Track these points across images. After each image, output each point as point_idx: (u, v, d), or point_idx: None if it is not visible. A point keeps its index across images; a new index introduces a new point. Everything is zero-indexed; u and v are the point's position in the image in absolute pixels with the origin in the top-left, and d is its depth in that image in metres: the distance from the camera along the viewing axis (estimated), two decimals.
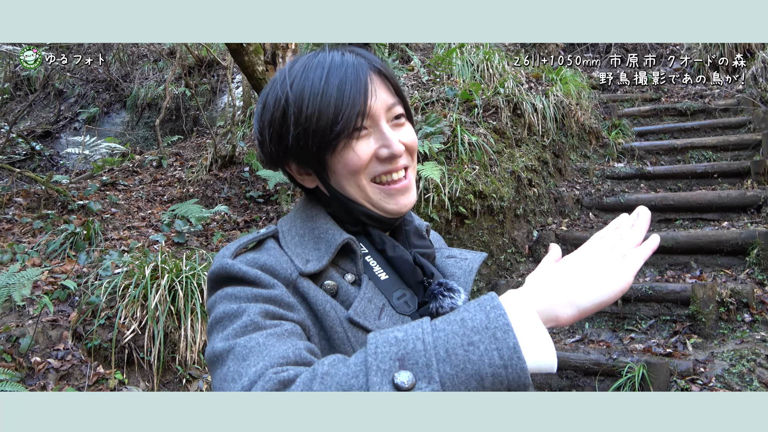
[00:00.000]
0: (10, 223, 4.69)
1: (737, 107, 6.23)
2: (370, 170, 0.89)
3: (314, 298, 0.85)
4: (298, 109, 0.86)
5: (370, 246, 0.94)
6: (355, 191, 0.90)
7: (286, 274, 0.85)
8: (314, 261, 0.88)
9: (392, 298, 0.90)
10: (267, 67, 4.14)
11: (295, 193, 5.31)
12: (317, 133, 0.86)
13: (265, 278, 0.83)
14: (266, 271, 0.84)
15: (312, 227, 0.93)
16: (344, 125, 0.85)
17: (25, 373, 2.90)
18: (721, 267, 4.11)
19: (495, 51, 5.85)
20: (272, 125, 0.90)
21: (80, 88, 9.94)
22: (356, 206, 0.92)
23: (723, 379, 3.04)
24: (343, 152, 0.87)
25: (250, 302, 0.79)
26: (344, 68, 0.87)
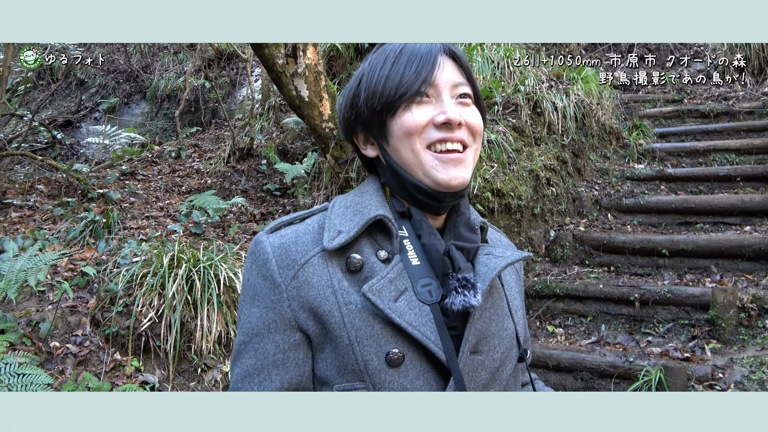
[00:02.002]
0: (32, 209, 4.76)
1: (762, 110, 6.11)
2: (426, 135, 0.91)
3: (316, 283, 0.87)
4: (371, 75, 0.93)
5: (410, 230, 0.95)
6: (409, 155, 0.92)
7: (296, 257, 0.89)
8: (345, 233, 0.90)
9: (417, 284, 0.89)
10: (287, 61, 4.14)
11: (312, 187, 5.32)
12: (383, 95, 0.91)
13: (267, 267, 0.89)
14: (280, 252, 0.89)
15: (358, 201, 0.95)
16: (407, 88, 0.90)
17: (44, 357, 2.94)
18: (743, 272, 4.04)
19: (516, 49, 5.80)
20: (349, 93, 0.98)
21: (101, 79, 10.04)
22: (407, 176, 0.93)
23: (742, 385, 2.99)
24: (402, 114, 0.91)
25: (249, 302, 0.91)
26: (419, 45, 0.94)
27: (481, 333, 0.91)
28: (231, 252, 3.73)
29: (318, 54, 4.23)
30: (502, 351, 0.93)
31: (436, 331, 0.86)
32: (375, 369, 0.84)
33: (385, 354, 0.84)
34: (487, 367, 0.90)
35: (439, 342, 0.86)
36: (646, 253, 4.39)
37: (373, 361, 0.84)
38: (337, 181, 4.53)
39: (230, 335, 3.36)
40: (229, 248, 3.83)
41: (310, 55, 4.14)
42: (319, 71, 4.20)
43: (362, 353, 0.84)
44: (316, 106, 4.18)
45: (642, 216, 4.99)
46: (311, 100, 4.16)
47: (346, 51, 6.39)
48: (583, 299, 4.05)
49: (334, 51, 6.40)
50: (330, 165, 4.45)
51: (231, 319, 3.38)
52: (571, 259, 4.62)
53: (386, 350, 0.84)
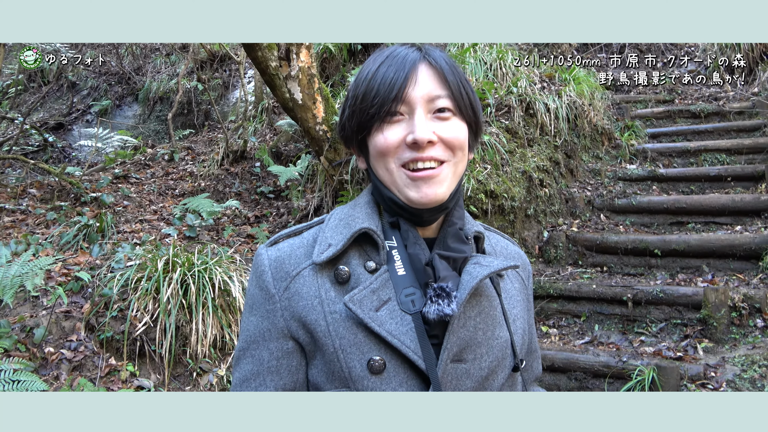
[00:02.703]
0: (24, 214, 4.74)
1: (752, 110, 6.16)
2: (400, 155, 0.92)
3: (305, 294, 0.92)
4: (353, 91, 0.96)
5: (399, 240, 0.96)
6: (384, 174, 0.95)
7: (288, 269, 0.94)
8: (333, 246, 0.93)
9: (401, 294, 0.91)
10: (280, 63, 4.14)
11: (306, 190, 5.33)
12: (358, 113, 0.94)
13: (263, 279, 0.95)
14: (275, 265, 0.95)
15: (350, 214, 0.98)
16: (378, 108, 0.90)
17: (39, 363, 2.93)
18: (734, 271, 4.08)
19: (508, 50, 5.82)
20: (341, 109, 1.01)
21: (93, 81, 10.00)
22: (386, 191, 0.95)
23: (734, 384, 3.03)
24: (375, 135, 0.93)
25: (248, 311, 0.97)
26: (396, 58, 0.93)
27: (464, 341, 0.91)
28: (225, 255, 3.73)
29: (311, 56, 4.24)
30: (491, 360, 0.93)
31: (417, 339, 0.88)
32: (358, 376, 0.87)
33: (366, 361, 0.87)
34: (472, 375, 0.90)
35: (419, 350, 0.87)
36: (638, 254, 4.42)
37: (356, 368, 0.87)
38: (331, 184, 4.53)
39: (225, 339, 3.36)
40: (224, 251, 3.83)
41: (303, 57, 4.15)
42: (313, 74, 4.21)
43: (346, 360, 0.87)
44: (310, 108, 4.19)
45: (634, 216, 5.03)
46: (305, 103, 4.17)
47: (339, 53, 6.39)
48: (576, 299, 4.08)
49: (327, 53, 6.40)
50: (324, 167, 4.46)
51: (226, 322, 3.38)
52: (565, 260, 4.65)
53: (368, 357, 0.87)
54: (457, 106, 0.93)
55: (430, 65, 0.93)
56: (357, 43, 6.26)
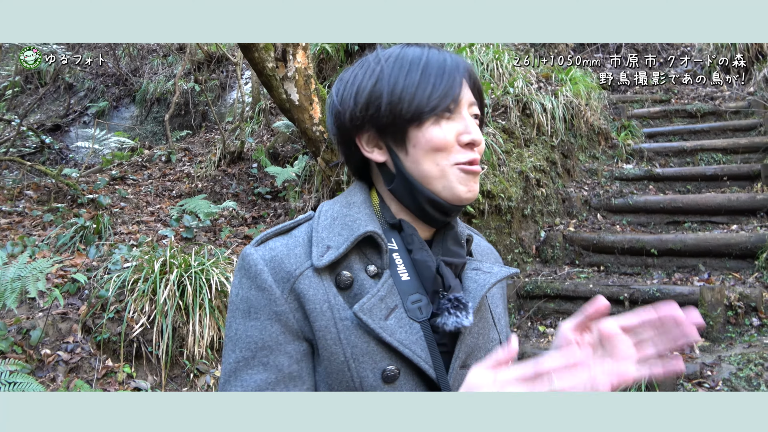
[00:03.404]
0: (21, 215, 4.73)
1: (748, 110, 6.18)
2: (454, 154, 0.90)
3: (312, 297, 0.85)
4: (395, 79, 0.89)
5: (400, 243, 0.93)
6: (431, 168, 0.90)
7: (290, 269, 0.86)
8: (333, 248, 0.87)
9: (407, 301, 0.88)
10: (277, 64, 4.14)
11: (303, 190, 5.33)
12: (412, 103, 0.88)
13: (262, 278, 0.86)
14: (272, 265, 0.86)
15: (346, 213, 0.92)
16: (439, 102, 0.88)
17: (35, 365, 2.93)
18: (730, 270, 4.09)
19: (505, 50, 5.83)
20: (361, 89, 0.91)
21: (90, 82, 9.99)
22: (422, 188, 0.91)
23: (730, 382, 3.04)
24: (431, 128, 0.88)
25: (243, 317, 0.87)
26: (444, 58, 0.91)
27: (470, 348, 0.91)
28: (222, 256, 3.73)
29: (308, 57, 4.24)
30: None
31: (427, 348, 0.87)
32: (370, 385, 0.84)
33: (381, 371, 0.84)
34: None
35: (430, 359, 0.86)
36: (635, 253, 4.43)
37: (369, 378, 0.84)
38: (328, 184, 4.54)
39: (222, 340, 3.36)
40: (221, 252, 3.83)
41: (300, 58, 4.15)
42: (309, 75, 4.21)
43: (357, 370, 0.84)
44: (307, 109, 4.19)
45: (631, 216, 5.04)
46: (301, 104, 4.17)
47: (336, 54, 6.40)
48: (573, 299, 4.09)
49: (324, 54, 6.40)
50: (321, 168, 4.46)
51: (223, 323, 3.38)
52: (562, 260, 4.65)
53: (382, 367, 0.85)
54: (482, 117, 0.96)
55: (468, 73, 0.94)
56: (354, 44, 6.27)
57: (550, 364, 0.69)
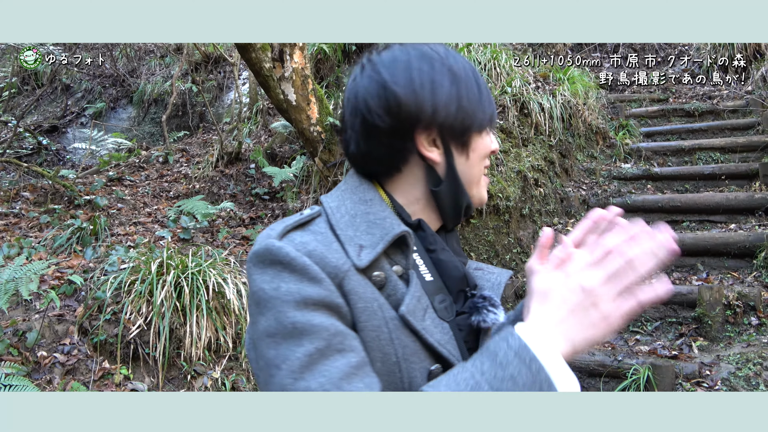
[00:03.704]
0: (17, 217, 4.71)
1: (746, 109, 6.19)
2: (486, 161, 0.96)
3: (363, 295, 0.82)
4: (469, 85, 0.91)
5: (419, 244, 0.92)
6: (477, 173, 0.94)
7: (336, 264, 0.81)
8: (368, 248, 0.84)
9: (435, 301, 0.88)
10: (274, 64, 4.13)
11: (300, 191, 5.32)
12: (485, 111, 0.92)
13: (313, 270, 0.79)
14: (314, 260, 0.80)
15: (366, 210, 0.89)
16: (495, 112, 0.95)
17: (32, 367, 2.91)
18: (728, 269, 4.08)
19: (502, 50, 5.83)
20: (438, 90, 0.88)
21: (87, 84, 9.96)
22: (465, 192, 0.94)
23: (729, 382, 3.03)
24: (486, 136, 0.94)
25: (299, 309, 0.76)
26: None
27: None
28: (220, 257, 3.72)
29: (305, 58, 4.23)
30: None
31: (457, 347, 0.88)
32: (417, 386, 0.83)
33: (428, 371, 0.84)
34: None
35: (460, 358, 0.87)
36: None
37: (417, 378, 0.83)
38: (326, 185, 4.53)
39: (220, 341, 3.35)
40: (218, 253, 3.82)
41: (297, 58, 4.14)
42: (306, 75, 4.20)
43: (408, 370, 0.83)
44: (304, 109, 4.18)
45: (629, 215, 5.00)
46: (299, 104, 4.16)
47: (334, 54, 6.39)
48: None
49: (321, 54, 6.40)
50: (318, 168, 4.45)
51: (220, 325, 3.37)
52: None
53: (427, 367, 0.84)
54: None
55: None
56: (351, 45, 6.26)
57: (612, 241, 0.73)
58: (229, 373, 3.31)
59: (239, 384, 3.28)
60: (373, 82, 0.89)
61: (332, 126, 4.28)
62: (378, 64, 0.90)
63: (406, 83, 0.88)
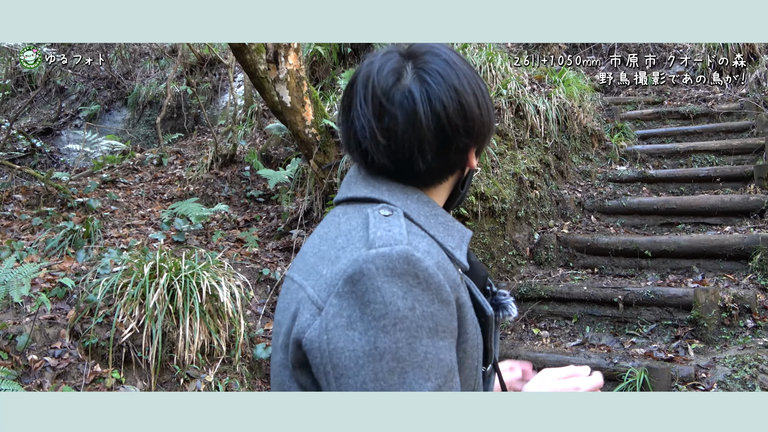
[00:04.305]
0: (9, 219, 4.67)
1: (740, 111, 6.20)
2: None
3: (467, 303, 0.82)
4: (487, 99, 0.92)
5: None
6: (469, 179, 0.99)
7: (454, 276, 0.79)
8: (457, 249, 0.85)
9: None
10: (269, 66, 4.11)
11: (296, 193, 5.29)
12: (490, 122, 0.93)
13: (446, 291, 0.76)
14: (444, 273, 0.77)
15: (433, 213, 0.87)
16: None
17: (22, 371, 2.88)
18: (724, 272, 4.08)
19: (498, 52, 5.83)
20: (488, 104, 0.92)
21: (81, 86, 9.92)
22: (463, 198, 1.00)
23: (725, 384, 3.02)
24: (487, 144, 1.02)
25: (431, 337, 0.74)
26: None
27: None
28: (214, 260, 3.69)
29: (300, 59, 4.21)
30: None
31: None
32: (479, 383, 0.89)
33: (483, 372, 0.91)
34: None
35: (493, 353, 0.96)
36: (629, 255, 4.42)
37: (480, 379, 0.89)
38: (321, 187, 4.50)
39: (213, 344, 3.32)
40: (212, 256, 3.79)
41: (292, 60, 4.12)
42: (301, 77, 4.18)
43: (479, 372, 0.88)
44: (299, 111, 4.16)
45: (624, 217, 5.03)
46: (293, 106, 4.14)
47: (329, 56, 6.38)
48: (567, 301, 4.07)
49: (317, 56, 6.38)
50: (314, 171, 4.43)
51: (214, 328, 3.34)
52: (556, 262, 4.64)
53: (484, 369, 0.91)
54: None
55: None
56: (347, 47, 6.25)
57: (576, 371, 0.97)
58: (222, 376, 3.28)
59: (233, 387, 3.25)
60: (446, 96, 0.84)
61: (327, 128, 4.27)
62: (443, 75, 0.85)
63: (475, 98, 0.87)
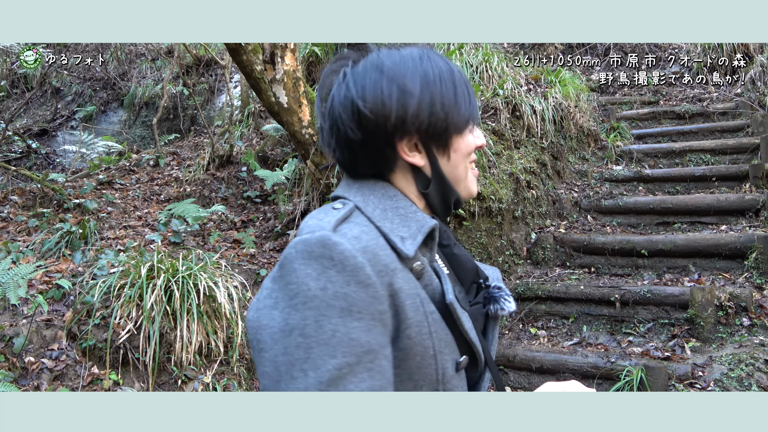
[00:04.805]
0: (5, 221, 4.66)
1: (735, 111, 6.23)
2: (471, 157, 0.99)
3: (408, 291, 0.83)
4: (442, 89, 0.91)
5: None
6: (462, 171, 0.97)
7: (387, 262, 0.81)
8: (409, 239, 0.87)
9: (456, 292, 0.93)
10: (265, 67, 4.11)
11: (292, 194, 5.29)
12: (460, 113, 0.93)
13: (364, 273, 0.77)
14: (368, 257, 0.79)
15: (394, 205, 0.91)
16: (475, 112, 0.97)
17: (19, 373, 2.87)
18: (720, 270, 4.10)
19: (494, 52, 5.84)
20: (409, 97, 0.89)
21: (77, 87, 9.89)
22: (453, 188, 0.97)
23: (721, 383, 3.03)
24: (467, 135, 0.96)
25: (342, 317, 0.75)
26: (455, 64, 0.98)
27: None
28: (211, 261, 3.69)
29: (296, 60, 4.21)
30: None
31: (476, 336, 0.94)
32: (449, 376, 0.88)
33: (456, 361, 0.89)
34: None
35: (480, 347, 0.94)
36: (625, 254, 4.43)
37: (448, 369, 0.88)
38: (317, 187, 4.50)
39: (211, 345, 3.31)
40: (209, 257, 3.79)
41: (289, 61, 4.12)
42: (298, 77, 4.18)
43: (442, 362, 0.87)
44: (296, 112, 4.16)
45: (621, 217, 5.05)
46: (290, 107, 4.14)
47: (325, 56, 6.38)
48: (564, 301, 4.08)
49: (313, 57, 6.38)
50: (310, 171, 4.43)
51: (211, 329, 3.34)
52: (553, 261, 4.65)
53: (457, 358, 0.90)
54: None
55: None
56: (343, 47, 6.25)
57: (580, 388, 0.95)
58: (220, 377, 3.27)
59: (230, 388, 3.25)
60: (344, 98, 0.91)
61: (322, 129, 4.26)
62: (350, 79, 0.92)
63: (373, 97, 0.89)
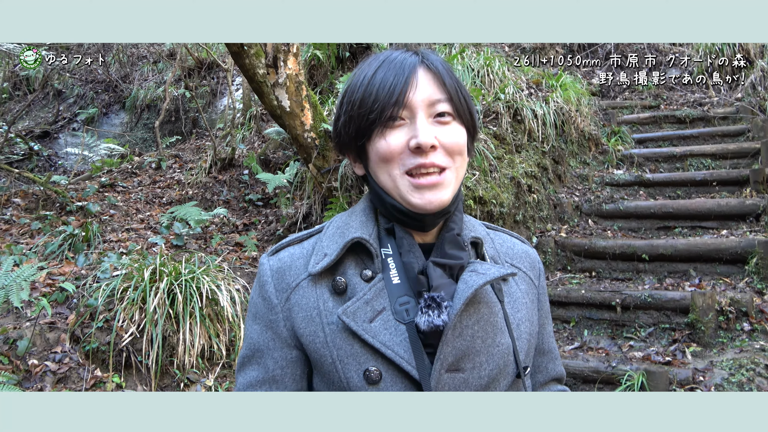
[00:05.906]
0: (8, 223, 4.67)
1: (736, 115, 6.24)
2: (404, 161, 0.90)
3: (304, 305, 0.93)
4: (348, 97, 0.94)
5: (395, 247, 0.95)
6: (386, 180, 0.92)
7: (289, 281, 0.95)
8: (328, 256, 0.93)
9: (396, 303, 0.90)
10: (268, 71, 4.12)
11: (294, 197, 5.30)
12: (356, 119, 0.92)
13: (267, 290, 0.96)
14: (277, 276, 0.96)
15: (346, 222, 0.98)
16: (379, 113, 0.89)
17: (22, 375, 2.88)
18: (721, 275, 4.11)
19: (495, 56, 5.86)
20: (335, 115, 0.99)
21: (79, 89, 9.91)
22: (386, 197, 0.94)
23: (722, 388, 3.04)
24: (377, 140, 0.91)
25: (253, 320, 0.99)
26: (394, 62, 0.92)
27: (460, 351, 0.89)
28: (213, 264, 3.70)
29: (299, 64, 4.23)
30: (491, 368, 0.91)
31: (410, 349, 0.87)
32: (356, 386, 0.87)
33: (363, 372, 0.87)
34: (471, 384, 0.89)
35: (413, 360, 0.86)
36: (626, 258, 4.44)
37: (354, 379, 0.87)
38: (319, 191, 4.52)
39: (213, 349, 3.32)
40: (212, 260, 3.80)
41: (291, 65, 4.14)
42: (300, 81, 4.20)
43: (344, 371, 0.88)
44: (298, 115, 4.18)
45: (622, 221, 5.06)
46: (292, 110, 4.16)
47: (328, 60, 6.39)
48: (565, 305, 4.09)
49: (315, 60, 6.40)
50: (312, 174, 4.44)
51: (214, 332, 3.35)
52: (554, 265, 4.66)
53: (364, 368, 0.87)
54: (455, 110, 0.93)
55: (428, 69, 0.93)
56: (345, 51, 6.27)
57: None
58: (222, 380, 3.28)
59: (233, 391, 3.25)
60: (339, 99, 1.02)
61: (326, 132, 4.28)
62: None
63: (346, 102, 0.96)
